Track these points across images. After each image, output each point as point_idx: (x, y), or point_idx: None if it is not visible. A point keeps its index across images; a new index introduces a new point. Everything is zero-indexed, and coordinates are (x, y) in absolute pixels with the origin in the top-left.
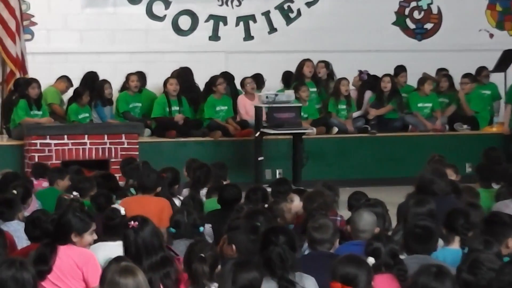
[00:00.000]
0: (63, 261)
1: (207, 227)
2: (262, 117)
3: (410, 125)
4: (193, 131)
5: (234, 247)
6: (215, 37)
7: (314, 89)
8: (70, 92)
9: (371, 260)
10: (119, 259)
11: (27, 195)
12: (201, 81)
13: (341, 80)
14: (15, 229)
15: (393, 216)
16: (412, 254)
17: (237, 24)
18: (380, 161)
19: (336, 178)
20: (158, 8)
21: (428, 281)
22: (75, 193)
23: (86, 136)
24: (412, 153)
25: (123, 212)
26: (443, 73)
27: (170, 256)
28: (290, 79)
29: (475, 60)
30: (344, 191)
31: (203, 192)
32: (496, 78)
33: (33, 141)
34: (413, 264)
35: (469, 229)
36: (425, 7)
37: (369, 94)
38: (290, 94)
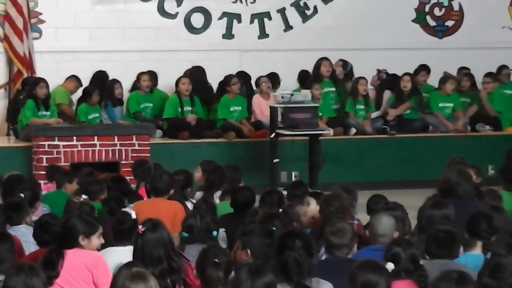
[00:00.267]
0: (72, 264)
1: (220, 231)
2: (277, 118)
3: (431, 126)
4: (206, 132)
5: (249, 252)
6: (228, 35)
7: (333, 89)
8: (79, 92)
9: (390, 266)
10: (130, 264)
11: (35, 199)
12: (214, 80)
13: (359, 80)
14: (22, 233)
15: (413, 220)
16: (433, 259)
17: (251, 21)
18: (399, 163)
19: (354, 181)
20: (170, 5)
21: None
22: (84, 196)
23: (96, 138)
24: (432, 154)
25: (134, 216)
26: (464, 72)
27: (177, 266)
28: (306, 78)
29: (498, 59)
30: (362, 194)
31: (217, 195)
32: None
33: (41, 143)
34: (434, 269)
35: (492, 234)
36: (446, 3)
37: (388, 94)
38: (306, 94)
